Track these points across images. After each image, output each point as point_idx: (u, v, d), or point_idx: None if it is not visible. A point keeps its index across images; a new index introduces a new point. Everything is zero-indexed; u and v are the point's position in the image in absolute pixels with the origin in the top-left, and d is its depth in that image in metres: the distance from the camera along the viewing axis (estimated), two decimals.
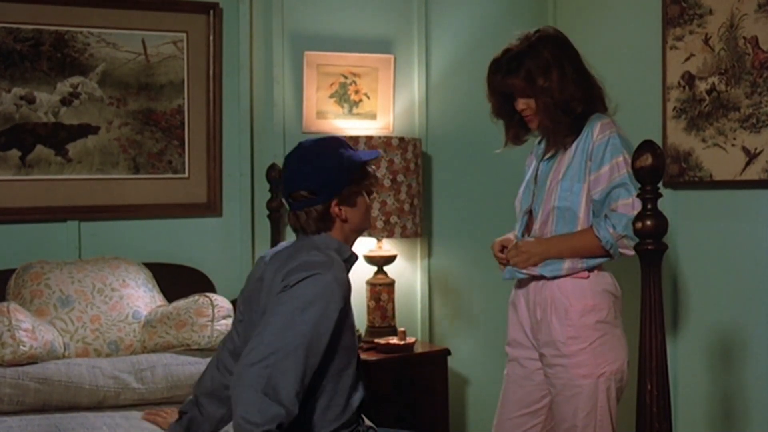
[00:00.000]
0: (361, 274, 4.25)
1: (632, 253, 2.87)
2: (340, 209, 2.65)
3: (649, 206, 2.26)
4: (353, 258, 2.72)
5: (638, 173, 2.25)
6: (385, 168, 4.07)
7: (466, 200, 4.66)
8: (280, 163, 4.19)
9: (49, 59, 3.89)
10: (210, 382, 2.81)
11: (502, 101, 3.17)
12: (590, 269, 3.00)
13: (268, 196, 4.21)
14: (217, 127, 4.16)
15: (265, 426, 2.29)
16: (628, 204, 2.89)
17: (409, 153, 4.17)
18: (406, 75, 4.51)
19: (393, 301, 4.25)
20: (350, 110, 4.37)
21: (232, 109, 4.19)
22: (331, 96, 4.33)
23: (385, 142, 4.11)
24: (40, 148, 3.89)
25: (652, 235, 2.26)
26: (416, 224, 4.19)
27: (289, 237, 4.30)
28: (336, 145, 2.70)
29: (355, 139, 4.10)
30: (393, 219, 4.08)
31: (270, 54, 4.26)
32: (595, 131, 3.00)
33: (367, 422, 2.82)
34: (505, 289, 4.74)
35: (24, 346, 3.27)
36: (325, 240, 2.66)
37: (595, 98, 3.09)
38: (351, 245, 2.74)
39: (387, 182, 4.08)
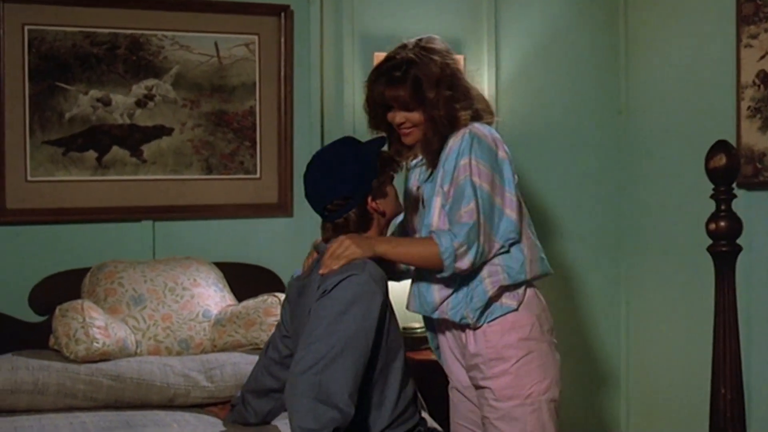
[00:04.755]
0: None
1: (466, 266, 2.69)
2: (376, 203, 2.68)
3: (723, 207, 2.22)
4: None
5: (712, 174, 2.22)
6: None
7: (535, 201, 4.63)
8: None
9: (125, 62, 3.96)
10: (255, 383, 2.87)
11: (382, 114, 2.90)
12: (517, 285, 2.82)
13: None
14: (288, 128, 4.19)
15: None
16: (470, 210, 2.70)
17: None
18: (475, 75, 4.49)
19: None
20: None
21: (303, 110, 4.22)
22: None
23: None
24: (115, 149, 3.96)
25: (726, 237, 2.22)
26: None
27: None
28: (350, 143, 2.74)
29: None
30: None
31: (340, 55, 4.28)
32: (452, 138, 2.81)
33: (431, 423, 2.81)
34: (574, 284, 4.72)
35: (97, 342, 3.33)
36: None
37: (479, 112, 2.89)
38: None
39: None
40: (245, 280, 4.00)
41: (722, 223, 2.22)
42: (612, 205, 4.75)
